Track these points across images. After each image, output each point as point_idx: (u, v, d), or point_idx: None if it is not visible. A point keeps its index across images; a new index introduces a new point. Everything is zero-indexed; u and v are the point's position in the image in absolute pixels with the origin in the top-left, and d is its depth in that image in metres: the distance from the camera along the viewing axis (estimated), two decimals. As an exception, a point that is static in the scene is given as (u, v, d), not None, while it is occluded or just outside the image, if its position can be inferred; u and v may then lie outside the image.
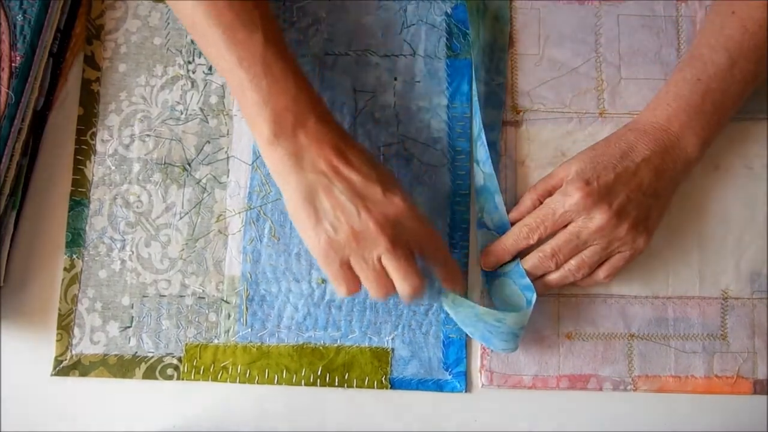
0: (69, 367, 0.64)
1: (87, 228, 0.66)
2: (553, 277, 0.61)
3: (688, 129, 0.60)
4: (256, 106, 0.55)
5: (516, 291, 0.61)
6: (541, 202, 0.61)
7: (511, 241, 0.61)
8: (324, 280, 0.65)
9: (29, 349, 0.64)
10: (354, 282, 0.56)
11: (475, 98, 0.64)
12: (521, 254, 0.62)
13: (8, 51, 0.63)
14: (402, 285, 0.55)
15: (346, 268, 0.56)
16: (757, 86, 0.62)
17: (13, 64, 0.63)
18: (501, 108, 0.66)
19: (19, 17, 0.64)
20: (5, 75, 0.63)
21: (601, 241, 0.59)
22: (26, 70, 0.63)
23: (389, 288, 0.56)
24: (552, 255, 0.60)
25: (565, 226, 0.59)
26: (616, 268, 0.61)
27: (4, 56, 0.63)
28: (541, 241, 0.60)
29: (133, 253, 0.65)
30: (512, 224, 0.62)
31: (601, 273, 0.61)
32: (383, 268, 0.55)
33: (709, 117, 0.60)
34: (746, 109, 0.64)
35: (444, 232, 0.65)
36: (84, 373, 0.64)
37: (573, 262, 0.60)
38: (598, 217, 0.58)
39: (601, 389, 0.63)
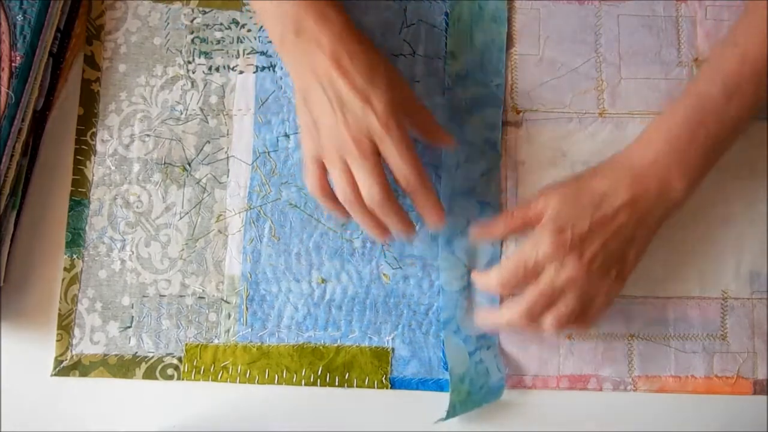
0: (69, 367, 0.64)
1: (87, 228, 0.66)
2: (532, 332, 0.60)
3: (676, 171, 0.57)
4: (263, 11, 0.59)
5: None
6: (513, 230, 0.61)
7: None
8: (324, 280, 0.65)
9: (29, 350, 0.64)
10: (322, 179, 0.59)
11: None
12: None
13: (8, 51, 0.63)
14: (365, 187, 0.56)
15: (319, 165, 0.58)
16: (758, 114, 0.61)
17: (13, 64, 0.63)
18: (500, 108, 0.66)
19: (19, 17, 0.64)
20: (5, 75, 0.63)
21: (574, 291, 0.57)
22: (26, 70, 0.63)
23: (352, 187, 0.57)
24: (528, 312, 0.57)
25: (539, 273, 0.57)
26: (594, 316, 0.58)
27: (4, 56, 0.63)
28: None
29: (133, 253, 0.65)
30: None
31: (580, 322, 0.58)
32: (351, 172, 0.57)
33: (700, 157, 0.57)
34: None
35: (444, 232, 0.65)
36: (84, 374, 0.64)
37: (549, 317, 0.57)
38: (570, 267, 0.56)
39: (601, 389, 0.63)
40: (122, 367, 0.64)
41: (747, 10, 0.60)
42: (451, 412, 0.62)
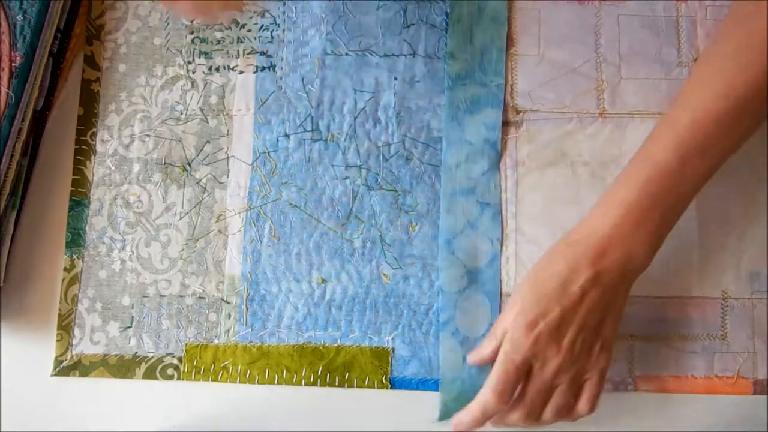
0: (69, 367, 0.64)
1: (87, 228, 0.66)
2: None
3: (637, 239, 0.55)
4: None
5: None
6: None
7: (479, 411, 0.57)
8: (324, 280, 0.65)
9: (29, 350, 0.65)
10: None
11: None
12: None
13: (8, 51, 0.63)
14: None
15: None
16: (715, 171, 0.58)
17: (13, 64, 0.63)
18: (500, 108, 0.66)
19: (19, 17, 0.64)
20: (5, 75, 0.63)
21: (565, 378, 0.56)
22: (26, 70, 0.63)
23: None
24: (530, 413, 0.56)
25: (529, 371, 0.56)
26: (594, 395, 0.57)
27: (4, 56, 0.63)
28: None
29: (133, 253, 0.65)
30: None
31: (582, 406, 0.57)
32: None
33: (659, 222, 0.55)
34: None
35: (444, 232, 0.65)
36: (84, 374, 0.64)
37: (548, 411, 0.57)
38: (554, 360, 0.55)
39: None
40: (122, 367, 0.64)
41: (700, 62, 0.59)
42: (444, 411, 0.62)
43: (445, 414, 0.62)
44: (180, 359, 0.64)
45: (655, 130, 0.57)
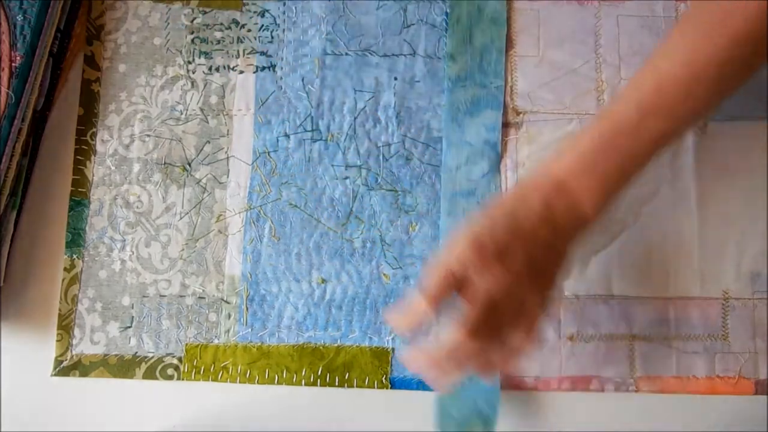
0: (69, 367, 0.64)
1: (87, 228, 0.66)
2: (473, 349, 0.56)
3: (586, 188, 0.55)
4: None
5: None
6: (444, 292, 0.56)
7: (411, 312, 0.55)
8: (324, 280, 0.65)
9: (29, 350, 0.65)
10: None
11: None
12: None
13: (8, 51, 0.63)
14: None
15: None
16: (676, 141, 0.58)
17: (13, 64, 0.63)
18: (500, 110, 0.66)
19: (20, 17, 0.64)
20: (5, 75, 0.63)
21: (506, 299, 0.54)
22: (26, 70, 0.63)
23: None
24: (473, 328, 0.54)
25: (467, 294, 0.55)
26: (530, 329, 0.55)
27: (4, 56, 0.63)
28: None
29: (133, 253, 0.65)
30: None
31: (519, 339, 0.55)
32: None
33: (611, 177, 0.55)
34: (746, 110, 0.64)
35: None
36: (84, 374, 0.64)
37: (487, 332, 0.54)
38: (497, 276, 0.54)
39: (603, 390, 0.63)
40: (122, 367, 0.64)
41: (668, 33, 0.58)
42: (441, 420, 0.62)
43: (442, 422, 0.62)
44: (180, 359, 0.64)
45: (621, 91, 0.57)
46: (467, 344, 0.54)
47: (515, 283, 0.54)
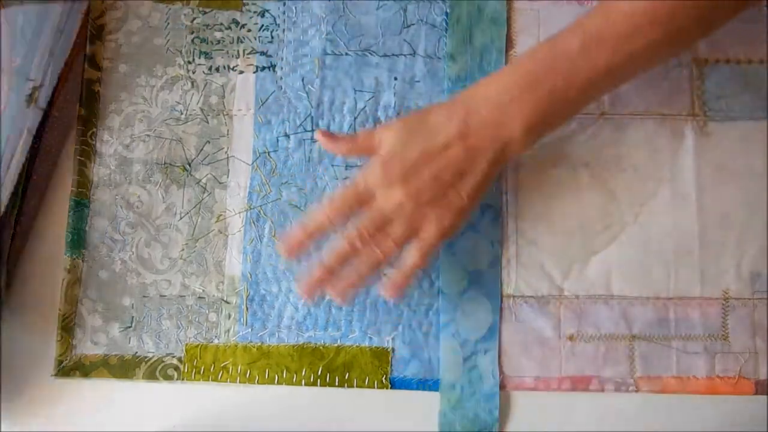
0: (70, 367, 0.64)
1: (88, 228, 0.66)
2: (364, 261, 0.58)
3: (516, 108, 0.55)
4: None
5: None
6: (354, 151, 0.61)
7: (307, 221, 0.58)
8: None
9: (30, 350, 0.65)
10: None
11: None
12: None
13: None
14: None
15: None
16: (613, 86, 0.59)
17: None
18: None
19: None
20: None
21: (402, 217, 0.57)
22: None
23: None
24: (358, 236, 0.57)
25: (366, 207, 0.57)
26: (426, 250, 0.57)
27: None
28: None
29: (133, 253, 0.65)
30: None
31: (412, 255, 0.57)
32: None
33: (542, 104, 0.55)
34: (746, 110, 0.64)
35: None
36: (85, 374, 0.64)
37: (377, 244, 0.57)
38: (397, 194, 0.56)
39: (603, 390, 0.63)
40: (123, 367, 0.64)
41: None
42: (443, 421, 0.62)
43: (445, 424, 0.62)
44: (180, 359, 0.64)
45: (567, 26, 0.57)
46: (352, 251, 0.57)
47: (413, 205, 0.56)
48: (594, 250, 0.64)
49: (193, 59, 0.68)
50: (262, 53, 0.67)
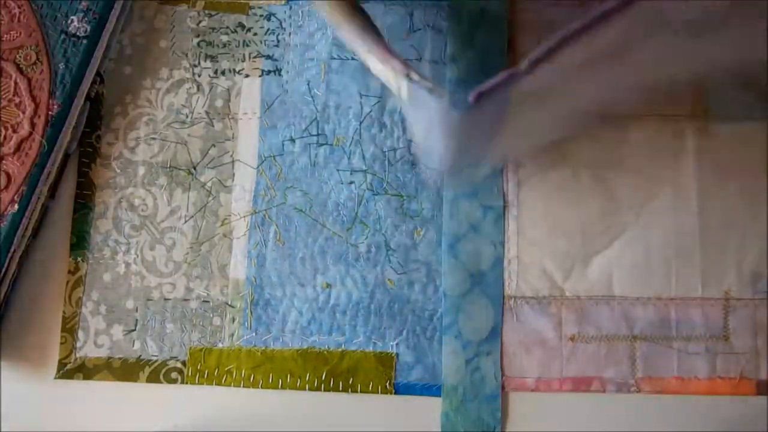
0: (73, 370, 0.63)
1: (92, 231, 0.65)
2: None
3: None
4: None
5: None
6: None
7: None
8: (329, 285, 0.64)
9: (33, 352, 0.64)
10: None
11: None
12: None
13: (47, 99, 0.62)
14: None
15: None
16: None
17: (50, 113, 0.62)
18: (501, 113, 0.67)
19: (62, 65, 0.63)
20: (41, 123, 0.62)
21: None
22: (63, 119, 0.63)
23: None
24: None
25: None
26: None
27: (42, 104, 0.62)
28: None
29: (137, 256, 0.65)
30: None
31: None
32: None
33: None
34: (746, 110, 0.65)
35: (449, 235, 0.65)
36: (88, 377, 0.63)
37: None
38: None
39: (604, 391, 0.63)
40: (126, 370, 0.63)
41: None
42: (446, 423, 0.62)
43: (448, 425, 0.62)
44: (184, 363, 0.64)
45: None
46: None
47: None
48: (595, 250, 0.65)
49: (199, 62, 0.68)
50: (268, 57, 0.68)
